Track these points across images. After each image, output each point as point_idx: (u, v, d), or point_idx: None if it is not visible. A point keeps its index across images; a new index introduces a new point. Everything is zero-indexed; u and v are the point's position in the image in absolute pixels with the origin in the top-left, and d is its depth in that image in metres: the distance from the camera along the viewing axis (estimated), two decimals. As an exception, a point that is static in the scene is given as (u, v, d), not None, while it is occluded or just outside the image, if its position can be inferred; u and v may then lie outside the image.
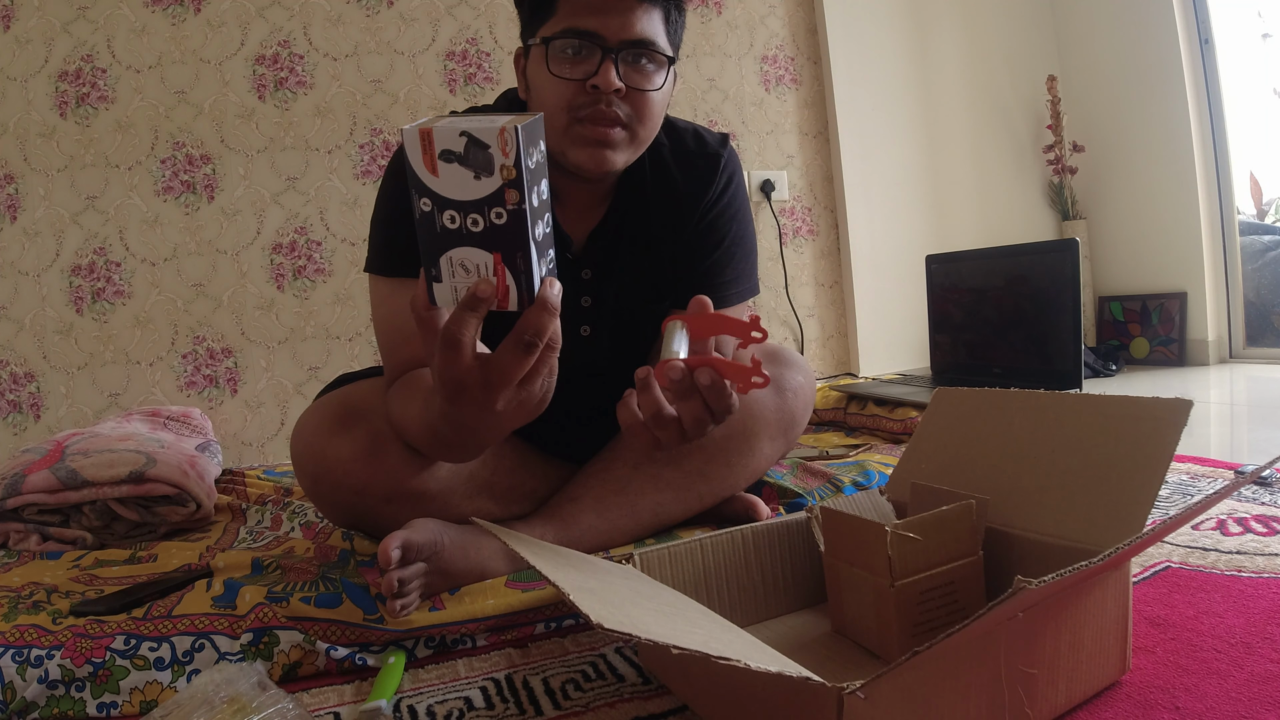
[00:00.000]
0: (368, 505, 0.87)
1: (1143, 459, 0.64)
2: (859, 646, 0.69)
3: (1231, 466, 1.15)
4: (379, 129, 1.95)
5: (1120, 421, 0.67)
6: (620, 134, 0.85)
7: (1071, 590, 0.54)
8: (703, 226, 0.99)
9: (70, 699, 0.69)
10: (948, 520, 0.65)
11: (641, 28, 0.82)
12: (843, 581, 0.70)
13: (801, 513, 0.81)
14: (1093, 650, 0.58)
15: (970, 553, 0.67)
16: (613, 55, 0.81)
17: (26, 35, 1.75)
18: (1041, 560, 0.67)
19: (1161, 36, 2.20)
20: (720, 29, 2.23)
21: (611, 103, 0.83)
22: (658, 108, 0.87)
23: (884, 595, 0.64)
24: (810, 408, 1.09)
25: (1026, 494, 0.71)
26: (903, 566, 0.63)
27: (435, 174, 0.49)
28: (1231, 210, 2.21)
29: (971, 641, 0.49)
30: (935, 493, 0.72)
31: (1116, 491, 0.64)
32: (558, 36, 0.82)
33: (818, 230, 2.35)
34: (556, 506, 0.95)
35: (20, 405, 1.77)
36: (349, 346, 1.94)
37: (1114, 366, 2.16)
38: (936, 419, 0.85)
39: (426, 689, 0.70)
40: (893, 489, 0.84)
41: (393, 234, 0.88)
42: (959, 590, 0.66)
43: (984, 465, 0.76)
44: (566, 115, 0.84)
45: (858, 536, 0.66)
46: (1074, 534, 0.65)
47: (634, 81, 0.83)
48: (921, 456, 0.84)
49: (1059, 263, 1.62)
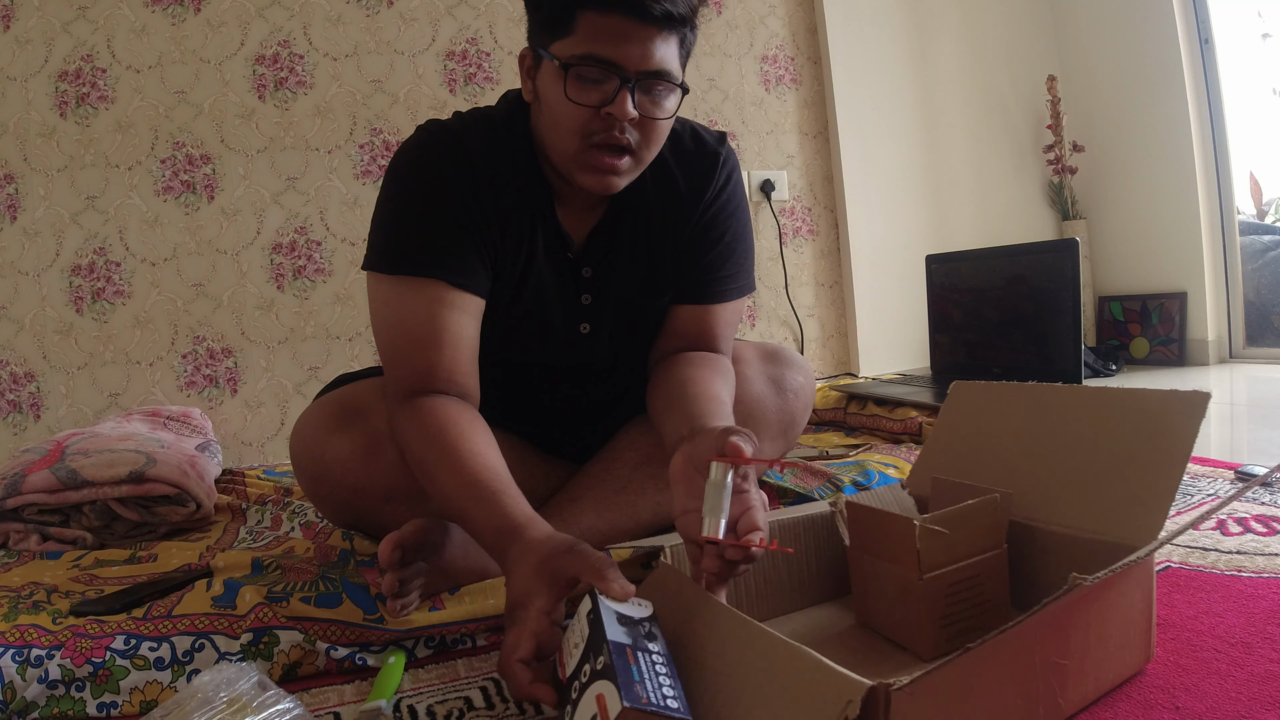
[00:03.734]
0: (367, 505, 0.87)
1: (1162, 451, 0.64)
2: (884, 639, 0.70)
3: (1231, 466, 1.15)
4: (379, 129, 1.95)
5: (1138, 414, 0.68)
6: (627, 162, 0.85)
7: (1102, 582, 0.55)
8: (702, 224, 0.99)
9: (70, 699, 0.69)
10: (973, 514, 0.66)
11: (660, 57, 0.82)
12: (868, 575, 0.70)
13: (825, 506, 0.82)
14: (1119, 641, 0.59)
15: (995, 546, 0.68)
16: (630, 85, 0.81)
17: (26, 35, 1.75)
18: (1065, 553, 0.68)
19: (1161, 36, 2.20)
20: (720, 29, 2.23)
21: (624, 129, 0.83)
22: (665, 132, 0.88)
23: (911, 588, 0.64)
24: (810, 408, 1.09)
25: (1047, 487, 0.72)
26: (930, 560, 0.64)
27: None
28: (1231, 210, 2.21)
29: (1013, 635, 0.50)
30: (957, 487, 0.73)
31: (1137, 483, 0.65)
32: (577, 62, 0.81)
33: (818, 230, 2.35)
34: (557, 506, 0.95)
35: (20, 405, 1.77)
36: (349, 346, 1.94)
37: (1114, 366, 2.16)
38: (954, 413, 0.86)
39: (426, 689, 0.70)
40: (913, 483, 0.85)
41: (397, 231, 0.88)
42: (984, 583, 0.67)
43: (1004, 458, 0.77)
44: (579, 139, 0.84)
45: (885, 530, 0.67)
46: (1096, 526, 0.66)
47: (647, 110, 0.84)
48: (941, 450, 0.84)
49: (1059, 263, 1.62)
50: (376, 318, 0.90)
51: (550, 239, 0.94)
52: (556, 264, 0.95)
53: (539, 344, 0.98)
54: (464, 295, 0.87)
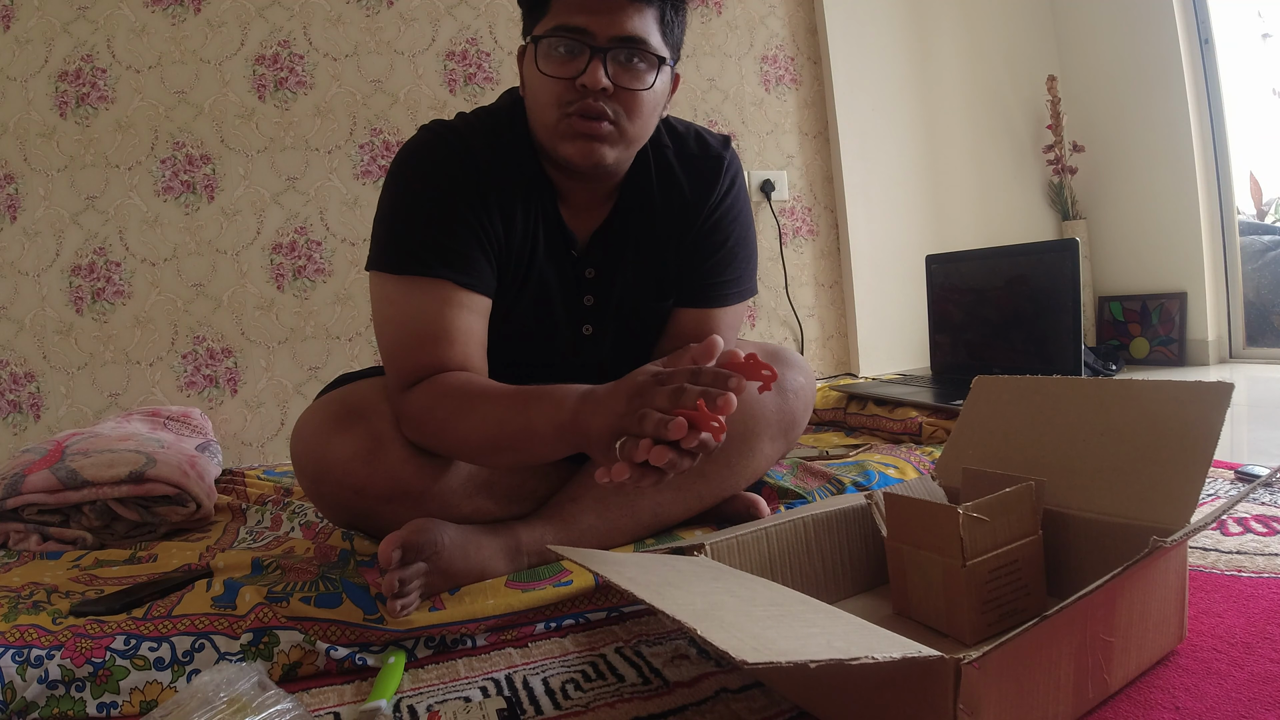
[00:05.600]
0: (368, 505, 0.87)
1: (1190, 439, 0.67)
2: (924, 626, 0.71)
3: (1232, 466, 1.15)
4: (379, 129, 1.95)
5: (1163, 405, 0.70)
6: (609, 129, 0.85)
7: (1145, 562, 0.57)
8: (706, 228, 0.99)
9: (70, 699, 0.69)
10: (1011, 501, 0.68)
11: (632, 26, 0.82)
12: (907, 564, 0.72)
13: (860, 499, 0.84)
14: (1157, 619, 0.61)
15: (1031, 532, 0.70)
16: (602, 54, 0.81)
17: (26, 35, 1.75)
18: (1099, 537, 0.70)
19: (1161, 36, 2.20)
20: (720, 29, 2.23)
21: (599, 99, 0.83)
22: (648, 107, 0.87)
23: (954, 575, 0.66)
24: (810, 408, 1.09)
25: (1077, 475, 0.74)
26: (973, 547, 0.66)
27: None
28: (1231, 210, 2.21)
29: (1078, 608, 0.52)
30: (990, 477, 0.75)
31: (1169, 470, 0.67)
32: (548, 35, 0.82)
33: (818, 230, 2.35)
34: (557, 506, 0.95)
35: (20, 405, 1.77)
36: (349, 346, 1.94)
37: (1114, 366, 2.16)
38: (978, 406, 0.87)
39: (426, 689, 0.70)
40: (941, 474, 0.87)
41: (403, 231, 0.88)
42: (1022, 568, 0.69)
43: (1032, 449, 0.79)
44: (556, 111, 0.84)
45: (926, 520, 0.69)
46: (1129, 511, 0.68)
47: (623, 81, 0.83)
48: (967, 443, 0.86)
49: (1059, 263, 1.62)
50: (381, 317, 0.90)
51: (553, 238, 0.94)
52: (559, 264, 0.95)
53: (541, 345, 0.98)
54: (471, 295, 0.87)
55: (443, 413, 0.80)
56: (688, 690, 0.65)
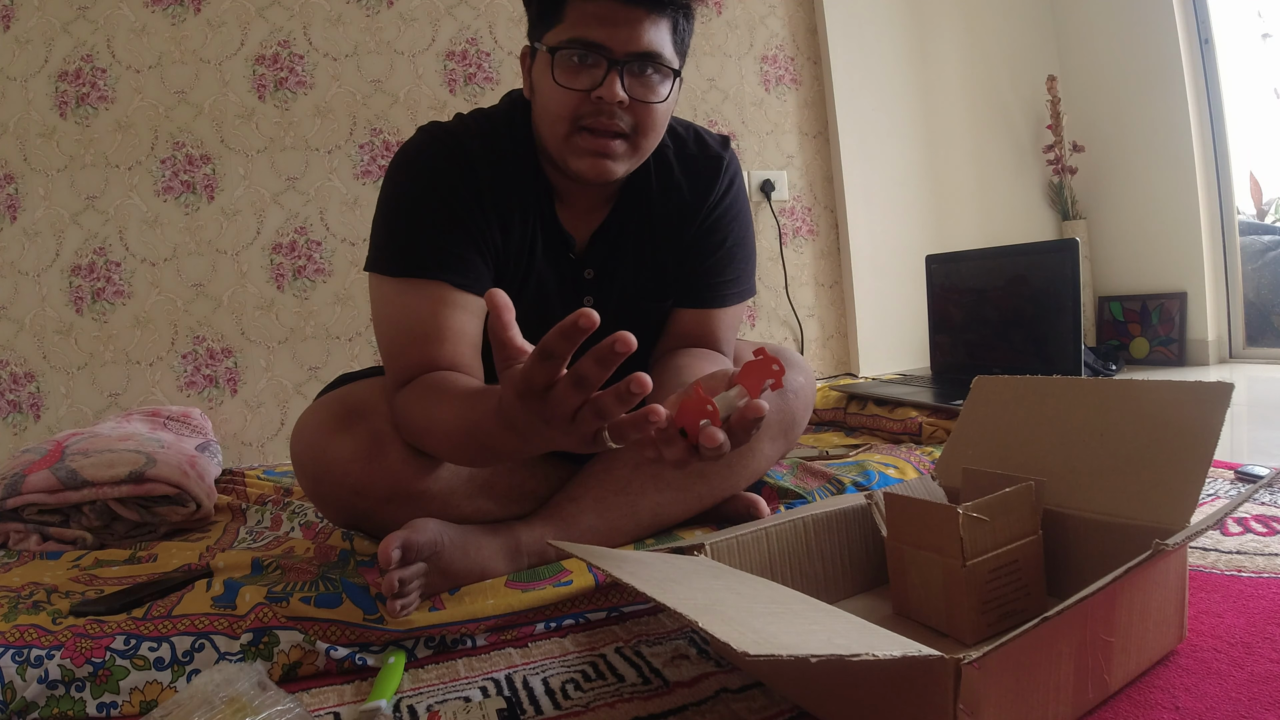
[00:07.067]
0: (368, 505, 0.87)
1: (1189, 439, 0.67)
2: (924, 627, 0.71)
3: (1232, 466, 1.15)
4: (379, 129, 1.95)
5: (1163, 405, 0.70)
6: (621, 145, 0.85)
7: (1147, 562, 0.57)
8: (705, 228, 0.99)
9: (70, 699, 0.69)
10: (1010, 501, 0.68)
11: (649, 40, 0.81)
12: (907, 564, 0.72)
13: (860, 499, 0.84)
14: (1157, 619, 0.61)
15: (1031, 532, 0.70)
16: (619, 67, 0.81)
17: (26, 35, 1.75)
18: (1099, 537, 0.70)
19: (1161, 36, 2.20)
20: (720, 29, 2.23)
21: (614, 114, 0.83)
22: (661, 118, 0.87)
23: (955, 575, 0.66)
24: (810, 408, 1.09)
25: (1077, 475, 0.74)
26: (973, 547, 0.66)
27: None
28: (1231, 210, 2.21)
29: (1078, 610, 0.52)
30: (990, 477, 0.75)
31: (1169, 470, 0.67)
32: (564, 46, 0.81)
33: (818, 230, 2.35)
34: (557, 507, 0.95)
35: (20, 405, 1.77)
36: (349, 346, 1.94)
37: (1114, 366, 2.16)
38: (978, 406, 0.87)
39: (426, 689, 0.70)
40: (941, 474, 0.87)
41: (400, 233, 0.88)
42: (1022, 568, 0.69)
43: (1031, 449, 0.79)
44: (569, 124, 0.84)
45: (927, 520, 0.69)
46: (1129, 511, 0.68)
47: (639, 94, 0.83)
48: (967, 443, 0.86)
49: (1059, 263, 1.62)
50: (378, 317, 0.91)
51: (551, 239, 0.94)
52: (558, 265, 0.95)
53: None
54: (466, 295, 0.87)
55: (418, 410, 0.81)
56: (688, 690, 0.66)
